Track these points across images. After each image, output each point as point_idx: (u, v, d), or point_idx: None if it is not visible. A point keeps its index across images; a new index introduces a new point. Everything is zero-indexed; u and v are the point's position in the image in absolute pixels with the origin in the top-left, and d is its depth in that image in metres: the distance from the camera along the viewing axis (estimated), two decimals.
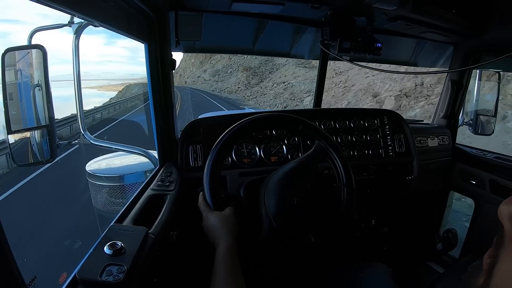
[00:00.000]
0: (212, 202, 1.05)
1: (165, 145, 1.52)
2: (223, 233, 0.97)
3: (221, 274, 0.87)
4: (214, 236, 0.98)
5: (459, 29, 1.63)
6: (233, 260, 0.91)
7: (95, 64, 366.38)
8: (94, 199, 2.77)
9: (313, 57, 2.20)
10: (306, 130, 1.22)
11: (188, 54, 51.00)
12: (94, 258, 0.78)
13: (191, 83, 59.40)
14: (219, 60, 50.34)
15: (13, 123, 1.05)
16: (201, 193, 1.10)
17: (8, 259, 0.48)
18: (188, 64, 69.53)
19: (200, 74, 54.77)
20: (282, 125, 1.30)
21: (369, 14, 1.48)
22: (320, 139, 1.22)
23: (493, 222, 1.83)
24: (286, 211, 1.08)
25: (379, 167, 1.76)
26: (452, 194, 2.22)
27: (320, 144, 1.22)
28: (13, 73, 1.03)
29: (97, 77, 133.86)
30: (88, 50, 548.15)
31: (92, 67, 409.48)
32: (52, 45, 1.41)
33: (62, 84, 34.92)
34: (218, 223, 1.00)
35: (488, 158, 1.92)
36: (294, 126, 1.22)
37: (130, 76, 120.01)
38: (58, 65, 59.62)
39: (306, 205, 1.13)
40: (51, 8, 0.76)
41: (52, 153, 1.16)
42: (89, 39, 44.63)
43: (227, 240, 0.95)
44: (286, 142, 1.65)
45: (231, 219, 1.02)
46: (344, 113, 1.82)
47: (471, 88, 2.11)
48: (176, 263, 1.31)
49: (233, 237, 0.97)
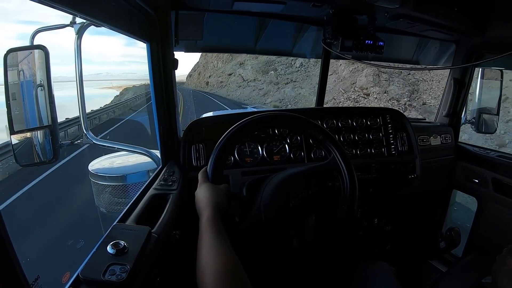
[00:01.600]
0: (212, 174, 1.06)
1: (168, 144, 1.52)
2: (211, 204, 0.96)
3: (206, 236, 0.85)
4: (202, 205, 0.97)
5: (461, 27, 1.62)
6: (218, 225, 0.90)
7: (117, 64, 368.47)
8: (97, 198, 2.78)
9: (315, 56, 2.20)
10: (325, 140, 1.21)
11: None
12: (97, 258, 0.78)
13: (216, 85, 39.44)
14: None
15: (15, 123, 1.05)
16: (203, 168, 1.10)
17: (11, 259, 0.48)
18: (211, 58, 47.36)
19: (233, 70, 34.20)
20: (301, 129, 1.26)
21: (371, 13, 1.47)
22: (336, 153, 1.19)
23: (496, 220, 1.83)
24: (278, 209, 1.08)
25: (382, 165, 1.75)
26: (455, 192, 2.21)
27: (335, 159, 1.20)
28: (15, 73, 1.03)
29: (118, 77, 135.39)
30: (110, 51, 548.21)
31: (114, 67, 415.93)
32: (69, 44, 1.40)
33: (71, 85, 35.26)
34: (209, 194, 0.99)
35: (491, 156, 1.91)
36: (315, 134, 1.21)
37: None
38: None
39: (300, 210, 1.12)
40: (53, 8, 0.77)
41: (55, 153, 1.16)
42: (111, 40, 44.40)
43: (213, 211, 0.94)
44: (289, 141, 1.65)
45: (223, 194, 1.02)
46: (346, 112, 1.82)
47: (473, 86, 2.10)
48: (179, 262, 1.31)
49: (219, 211, 0.95)
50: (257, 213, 1.07)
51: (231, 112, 2.15)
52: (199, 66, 56.55)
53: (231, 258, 0.79)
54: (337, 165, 1.19)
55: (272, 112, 1.19)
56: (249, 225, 1.07)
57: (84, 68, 1.43)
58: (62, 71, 14.44)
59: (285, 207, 1.09)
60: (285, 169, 1.24)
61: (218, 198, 0.99)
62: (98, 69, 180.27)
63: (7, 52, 1.01)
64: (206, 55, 48.22)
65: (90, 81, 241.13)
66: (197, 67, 61.69)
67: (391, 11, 1.40)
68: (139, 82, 60.31)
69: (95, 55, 64.01)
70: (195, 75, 63.31)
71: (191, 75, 73.01)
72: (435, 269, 2.13)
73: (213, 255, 0.80)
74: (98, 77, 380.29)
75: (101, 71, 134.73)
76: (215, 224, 0.89)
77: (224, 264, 0.76)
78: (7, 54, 1.01)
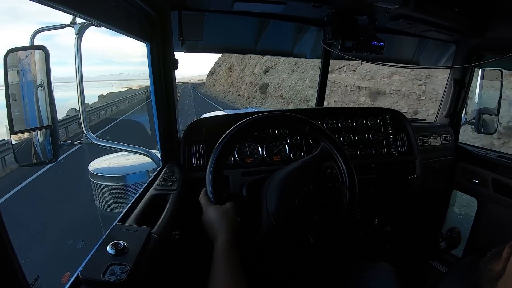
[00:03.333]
0: (213, 195, 1.05)
1: (168, 144, 1.52)
2: (222, 226, 0.96)
3: (220, 266, 0.87)
4: (213, 229, 0.97)
5: (461, 27, 1.62)
6: (233, 253, 0.90)
7: (138, 64, 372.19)
8: (97, 199, 2.78)
9: (315, 57, 2.20)
10: (311, 131, 1.22)
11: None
12: (97, 258, 0.78)
13: (249, 94, 24.11)
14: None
15: (16, 124, 1.05)
16: (203, 190, 1.10)
17: (11, 259, 0.48)
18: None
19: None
20: (287, 125, 1.30)
21: (371, 13, 1.47)
22: (325, 140, 1.21)
23: (496, 221, 1.83)
24: (286, 211, 1.08)
25: (382, 166, 1.75)
26: (455, 193, 2.21)
27: (325, 146, 1.21)
28: (15, 73, 1.03)
29: (139, 76, 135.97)
30: (132, 51, 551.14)
31: (135, 68, 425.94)
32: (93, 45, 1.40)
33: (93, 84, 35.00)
34: (218, 217, 0.99)
35: (491, 157, 1.91)
36: (300, 127, 1.22)
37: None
38: (98, 65, 59.65)
39: (307, 206, 1.13)
40: (53, 9, 0.77)
41: (55, 153, 1.16)
42: (132, 41, 45.17)
43: (227, 233, 0.95)
44: (289, 142, 1.65)
45: (230, 213, 1.02)
46: (346, 112, 1.82)
47: (473, 87, 2.10)
48: (179, 262, 1.31)
49: (232, 231, 0.96)
50: (267, 222, 1.07)
51: (230, 112, 2.15)
52: (218, 64, 38.01)
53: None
54: (329, 152, 1.21)
55: (257, 116, 1.18)
56: (263, 235, 1.07)
57: (105, 68, 1.45)
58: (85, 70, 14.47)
59: (291, 207, 1.09)
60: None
61: (227, 220, 0.99)
62: (119, 69, 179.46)
63: (7, 52, 1.01)
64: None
65: (111, 81, 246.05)
66: (217, 69, 40.80)
67: (391, 12, 1.40)
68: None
69: (116, 56, 64.33)
70: (222, 71, 41.20)
71: (213, 73, 49.96)
72: (435, 269, 2.13)
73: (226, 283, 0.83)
74: (119, 77, 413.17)
75: (122, 71, 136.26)
76: (230, 251, 0.90)
77: None
78: (7, 54, 1.01)
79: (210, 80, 52.06)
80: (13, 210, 5.32)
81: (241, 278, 0.86)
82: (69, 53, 4.88)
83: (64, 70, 22.94)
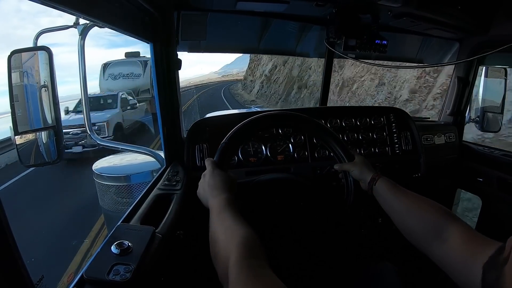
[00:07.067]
0: (222, 159, 1.04)
1: (172, 144, 1.52)
2: (226, 187, 0.93)
3: (227, 221, 0.80)
4: (215, 189, 0.93)
5: (464, 25, 1.61)
6: (236, 210, 0.84)
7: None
8: (101, 199, 2.79)
9: (318, 56, 2.20)
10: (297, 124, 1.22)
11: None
12: (102, 258, 0.79)
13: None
14: None
15: (20, 125, 1.05)
16: (210, 158, 1.07)
17: (16, 259, 0.48)
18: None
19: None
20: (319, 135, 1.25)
21: (374, 12, 1.47)
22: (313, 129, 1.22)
23: (500, 219, 1.82)
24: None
25: (386, 165, 1.74)
26: (459, 191, 2.20)
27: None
28: (19, 74, 1.03)
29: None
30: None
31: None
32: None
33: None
34: (222, 179, 0.96)
35: (495, 155, 1.90)
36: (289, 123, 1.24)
37: (194, 77, 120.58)
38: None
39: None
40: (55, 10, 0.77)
41: (59, 154, 1.17)
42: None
43: (230, 193, 0.91)
44: (293, 141, 1.64)
45: (234, 181, 1.00)
46: (350, 111, 1.81)
47: (477, 85, 2.09)
48: (183, 262, 1.31)
49: (233, 195, 0.92)
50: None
51: (234, 112, 2.15)
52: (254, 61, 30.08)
53: (252, 232, 0.74)
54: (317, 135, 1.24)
55: (269, 112, 1.17)
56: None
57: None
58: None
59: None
60: (289, 169, 1.25)
61: (232, 184, 0.97)
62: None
63: (10, 54, 1.01)
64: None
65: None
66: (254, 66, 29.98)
67: (394, 10, 1.39)
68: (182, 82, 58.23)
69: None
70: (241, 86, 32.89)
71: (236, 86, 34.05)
72: (439, 269, 2.12)
73: (236, 229, 0.75)
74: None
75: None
76: (234, 207, 0.85)
77: (249, 234, 0.72)
78: (10, 55, 1.01)
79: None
80: (16, 210, 5.35)
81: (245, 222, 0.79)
82: (68, 72, 4.91)
83: (64, 88, 22.71)
